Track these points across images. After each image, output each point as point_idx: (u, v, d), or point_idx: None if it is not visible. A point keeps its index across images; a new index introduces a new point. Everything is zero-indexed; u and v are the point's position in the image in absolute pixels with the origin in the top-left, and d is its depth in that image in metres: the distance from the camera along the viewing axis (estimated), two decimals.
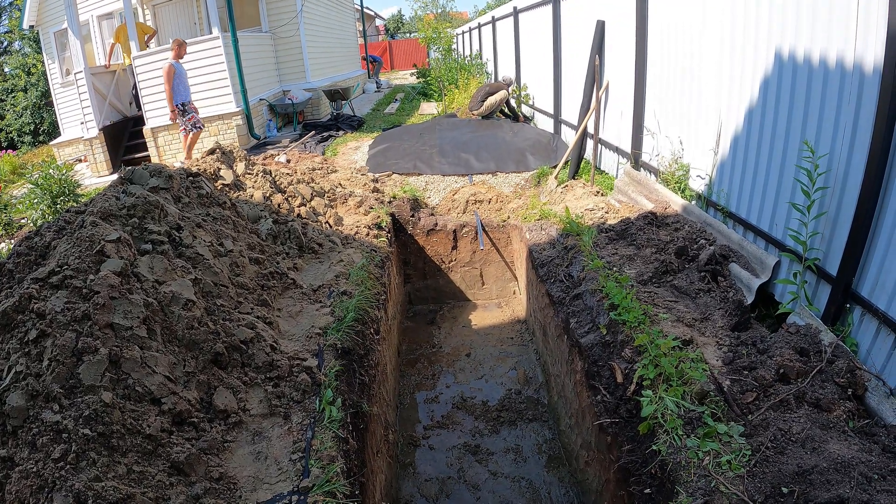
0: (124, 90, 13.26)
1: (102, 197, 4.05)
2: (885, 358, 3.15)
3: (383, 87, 23.84)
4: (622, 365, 3.64)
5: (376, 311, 4.79)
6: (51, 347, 2.69)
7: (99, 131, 12.02)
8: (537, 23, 11.10)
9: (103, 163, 12.15)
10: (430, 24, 32.35)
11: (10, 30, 28.36)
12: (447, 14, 44.78)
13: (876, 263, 3.25)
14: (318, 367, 3.58)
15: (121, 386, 2.73)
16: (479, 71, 17.67)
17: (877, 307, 3.21)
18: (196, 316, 3.33)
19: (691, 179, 5.55)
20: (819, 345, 3.24)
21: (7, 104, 22.48)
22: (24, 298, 2.88)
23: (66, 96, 16.24)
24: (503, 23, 14.85)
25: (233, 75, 11.62)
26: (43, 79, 20.56)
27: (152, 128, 11.81)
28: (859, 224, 3.31)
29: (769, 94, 4.24)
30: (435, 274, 7.97)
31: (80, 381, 2.63)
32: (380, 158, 9.51)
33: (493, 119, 11.65)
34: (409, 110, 16.21)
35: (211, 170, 6.01)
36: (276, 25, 14.17)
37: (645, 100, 6.41)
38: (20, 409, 2.50)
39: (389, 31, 55.58)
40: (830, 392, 2.88)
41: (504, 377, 6.21)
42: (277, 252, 5.25)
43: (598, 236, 5.40)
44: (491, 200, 8.00)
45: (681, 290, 4.23)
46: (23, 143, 22.22)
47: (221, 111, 11.72)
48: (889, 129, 3.06)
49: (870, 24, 3.21)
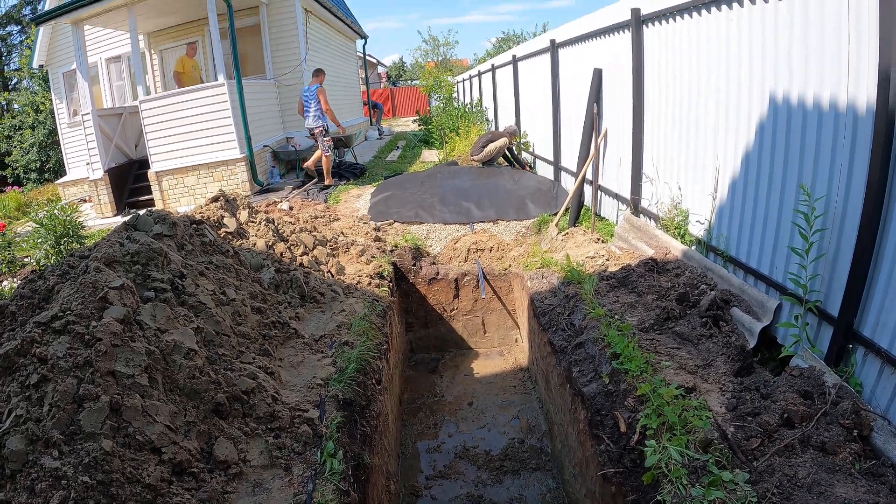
0: (130, 132, 13.43)
1: (106, 242, 4.08)
2: (889, 397, 3.14)
3: (385, 133, 24.13)
4: (625, 414, 3.62)
5: (378, 362, 4.77)
6: (52, 392, 2.69)
7: (104, 173, 12.14)
8: (536, 71, 11.29)
9: (108, 204, 12.24)
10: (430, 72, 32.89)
11: (20, 67, 28.86)
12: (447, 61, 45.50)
13: (877, 302, 3.26)
14: (319, 419, 3.56)
15: (121, 434, 2.71)
16: (480, 118, 17.89)
17: (879, 346, 3.21)
18: (198, 365, 3.32)
19: (691, 225, 5.58)
20: (823, 387, 3.22)
21: (14, 140, 22.66)
22: (26, 342, 2.89)
23: (72, 136, 16.52)
24: (502, 71, 15.09)
25: (237, 122, 11.77)
26: (50, 117, 20.78)
27: (157, 171, 11.91)
28: (858, 264, 3.33)
29: (765, 137, 4.31)
30: (437, 322, 7.95)
31: (81, 427, 2.62)
32: (381, 207, 9.57)
33: (494, 166, 11.75)
34: (411, 158, 16.37)
35: (214, 217, 6.05)
36: (280, 73, 14.41)
37: (643, 147, 6.49)
38: (19, 453, 2.48)
39: (391, 78, 56.41)
40: (836, 434, 2.85)
41: (507, 426, 6.14)
42: (280, 301, 5.25)
43: (600, 284, 5.41)
44: (492, 249, 8.03)
45: (683, 336, 4.22)
46: (28, 181, 22.36)
47: (226, 157, 11.84)
48: (884, 169, 3.11)
49: (861, 65, 3.28)
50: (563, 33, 9.13)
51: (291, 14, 14.17)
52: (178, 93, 12.06)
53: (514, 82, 13.36)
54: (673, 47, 5.64)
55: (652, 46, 6.09)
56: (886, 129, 3.06)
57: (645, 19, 6.11)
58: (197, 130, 11.81)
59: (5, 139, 23.32)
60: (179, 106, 11.76)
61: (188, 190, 12.01)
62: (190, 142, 11.85)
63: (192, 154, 11.90)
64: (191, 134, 11.82)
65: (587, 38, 7.94)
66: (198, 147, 11.87)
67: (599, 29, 7.36)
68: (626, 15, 6.44)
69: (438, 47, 45.57)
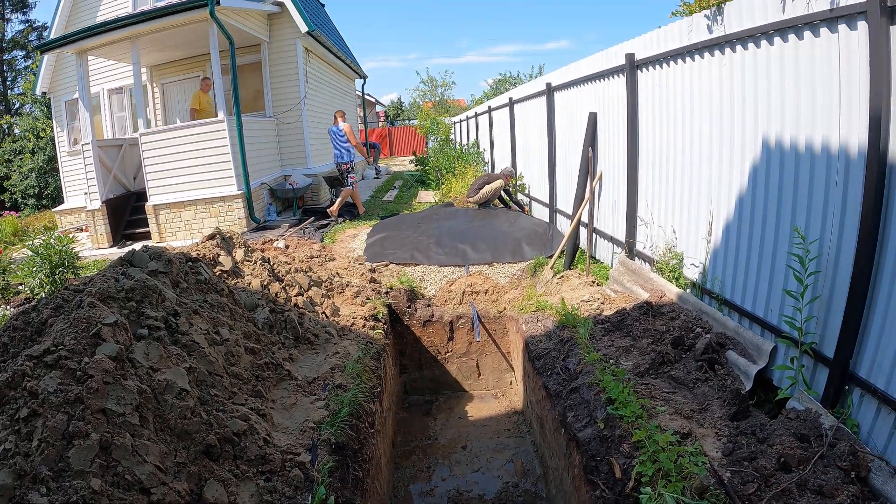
0: (130, 164, 13.50)
1: (101, 277, 4.07)
2: (886, 437, 3.13)
3: (382, 173, 24.32)
4: (621, 460, 3.58)
5: (371, 405, 4.73)
6: (41, 428, 2.65)
7: (102, 204, 12.15)
8: (532, 113, 11.45)
9: (104, 235, 12.23)
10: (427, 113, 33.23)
11: (24, 92, 29.08)
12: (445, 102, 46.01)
13: (872, 343, 3.28)
14: (311, 463, 3.51)
15: (110, 473, 2.67)
16: (477, 160, 18.06)
17: (875, 387, 3.21)
18: (189, 406, 3.28)
19: (686, 268, 5.61)
20: (820, 429, 3.22)
21: (14, 165, 22.72)
22: (17, 375, 2.86)
23: (72, 164, 16.63)
24: (499, 113, 15.29)
25: (236, 158, 11.85)
26: (51, 144, 20.91)
27: (154, 204, 11.95)
28: (853, 305, 3.36)
29: (758, 181, 4.37)
30: (431, 365, 7.90)
31: (70, 464, 2.58)
32: (377, 248, 9.58)
33: (490, 208, 11.82)
34: (408, 198, 16.48)
35: (210, 255, 6.05)
36: (279, 111, 14.57)
37: (637, 190, 6.56)
38: (6, 487, 2.43)
39: (389, 117, 56.96)
40: (833, 477, 2.83)
41: (501, 470, 6.07)
42: (273, 342, 5.22)
43: (595, 328, 5.41)
44: (487, 291, 8.03)
45: (678, 380, 4.21)
46: (26, 206, 22.40)
47: (223, 193, 11.88)
48: (877, 210, 3.16)
49: (853, 108, 3.35)
50: (559, 77, 9.28)
51: (292, 53, 14.40)
52: (177, 127, 12.19)
53: (511, 124, 13.53)
54: (667, 91, 5.75)
55: (646, 91, 6.20)
56: (878, 171, 3.12)
57: (639, 64, 6.24)
58: (195, 165, 11.89)
59: (5, 163, 23.41)
60: (179, 140, 11.87)
61: (185, 224, 12.03)
62: (188, 176, 11.92)
63: (190, 189, 11.95)
64: (189, 168, 11.89)
65: (582, 82, 8.08)
66: (196, 182, 11.93)
67: (594, 73, 7.50)
68: (620, 60, 6.58)
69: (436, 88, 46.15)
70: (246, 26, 12.77)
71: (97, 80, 15.02)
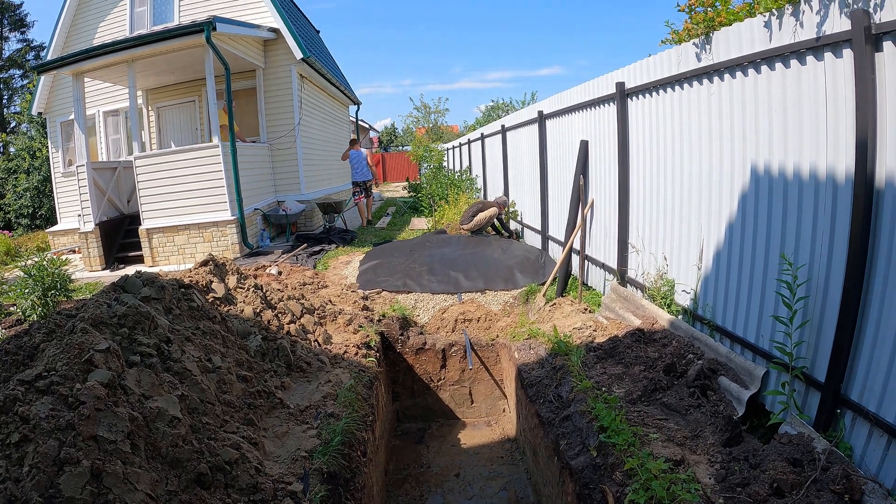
0: (124, 187, 13.52)
1: (94, 303, 4.07)
2: (879, 459, 3.14)
3: (376, 199, 24.38)
4: (614, 488, 3.58)
5: (364, 433, 4.71)
6: (32, 454, 2.64)
7: (95, 226, 12.13)
8: (524, 140, 11.57)
9: (97, 258, 12.18)
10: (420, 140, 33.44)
11: (20, 111, 29.07)
12: (438, 128, 46.32)
13: (863, 366, 3.31)
14: (303, 492, 3.49)
15: (101, 500, 2.64)
16: (469, 186, 18.16)
17: (867, 409, 3.24)
18: (181, 433, 3.27)
19: (677, 294, 5.64)
20: (812, 453, 3.22)
21: (9, 184, 22.63)
22: (8, 400, 2.85)
23: (66, 186, 16.61)
24: (491, 140, 15.44)
25: (230, 184, 11.90)
26: (46, 164, 20.84)
27: (148, 228, 11.95)
28: (843, 329, 3.39)
29: (747, 207, 4.43)
30: (424, 392, 7.87)
31: (60, 491, 2.56)
32: (370, 275, 9.58)
33: (483, 235, 11.87)
34: (401, 225, 16.53)
35: (203, 282, 6.05)
36: (273, 137, 14.67)
37: (629, 217, 6.62)
38: None
39: (383, 143, 57.22)
40: (827, 501, 2.84)
41: (494, 498, 6.02)
42: (265, 370, 5.21)
43: (587, 355, 5.42)
44: (480, 319, 8.04)
45: (671, 407, 4.22)
46: (20, 225, 22.25)
47: (217, 218, 11.90)
48: (864, 234, 3.20)
49: (839, 135, 3.42)
50: (551, 105, 9.40)
51: (287, 79, 14.56)
52: (172, 151, 12.26)
53: (503, 151, 13.65)
54: (657, 120, 5.84)
55: (636, 119, 6.29)
56: (865, 196, 3.18)
57: (629, 93, 6.33)
58: (189, 190, 11.93)
59: None
60: (173, 164, 11.93)
61: (178, 248, 12.03)
62: (182, 201, 11.95)
63: (184, 213, 11.98)
64: (183, 193, 11.93)
65: (574, 110, 8.19)
66: (189, 206, 11.96)
67: (585, 101, 7.61)
68: (611, 88, 6.68)
69: (430, 114, 46.52)
70: (241, 52, 12.91)
71: (93, 102, 15.15)
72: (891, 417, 3.08)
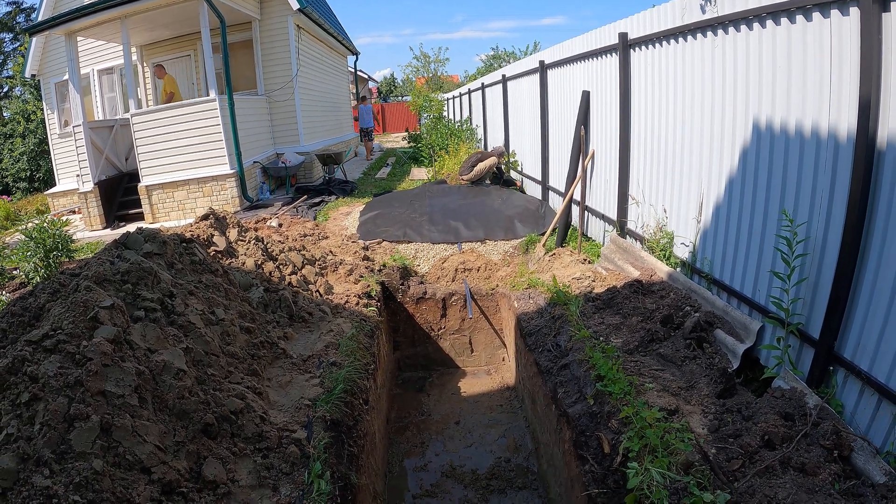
0: (121, 145, 13.43)
1: (97, 261, 4.11)
2: (869, 417, 3.23)
3: (375, 150, 24.24)
4: (609, 436, 3.67)
5: (365, 382, 4.80)
6: (43, 412, 2.71)
7: (94, 185, 12.11)
8: (525, 91, 11.44)
9: (97, 217, 12.20)
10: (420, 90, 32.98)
11: (13, 75, 28.65)
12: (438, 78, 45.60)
13: (857, 325, 3.36)
14: (307, 439, 3.59)
15: (111, 454, 2.73)
16: (470, 137, 18.01)
17: (860, 368, 3.30)
18: (187, 385, 3.35)
19: (676, 247, 5.67)
20: (804, 408, 3.29)
21: (5, 149, 22.48)
22: (17, 360, 2.91)
23: (63, 147, 16.48)
24: (492, 90, 15.25)
25: (228, 138, 11.82)
26: (41, 126, 20.59)
27: (147, 185, 11.93)
28: (839, 288, 3.43)
29: (748, 163, 4.41)
30: (424, 341, 7.98)
31: (72, 446, 2.64)
32: (370, 226, 9.62)
33: (483, 185, 11.84)
34: (401, 175, 16.47)
35: (204, 236, 6.08)
36: (271, 89, 14.49)
37: (629, 169, 6.60)
38: (10, 471, 2.49)
39: (382, 93, 56.47)
40: (816, 455, 2.90)
41: (493, 445, 6.17)
42: (268, 321, 5.28)
43: (585, 305, 5.48)
44: (480, 269, 8.09)
45: (667, 358, 4.28)
46: (18, 190, 22.16)
47: (216, 172, 11.87)
48: (864, 195, 3.21)
49: (843, 94, 3.39)
50: (553, 54, 9.27)
51: (283, 30, 14.28)
52: (169, 107, 12.10)
53: (504, 101, 13.50)
54: (659, 72, 5.77)
55: (639, 70, 6.21)
56: (866, 156, 3.17)
57: (632, 44, 6.24)
58: (187, 145, 11.86)
59: None
60: (170, 120, 11.81)
61: (178, 204, 12.03)
62: (180, 156, 11.89)
63: (183, 169, 11.94)
64: (181, 149, 11.87)
65: (576, 60, 8.08)
66: (188, 162, 11.92)
67: (588, 52, 7.50)
68: (613, 39, 6.58)
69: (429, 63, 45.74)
70: (237, 4, 12.65)
71: (87, 61, 14.86)
72: (882, 377, 3.14)
